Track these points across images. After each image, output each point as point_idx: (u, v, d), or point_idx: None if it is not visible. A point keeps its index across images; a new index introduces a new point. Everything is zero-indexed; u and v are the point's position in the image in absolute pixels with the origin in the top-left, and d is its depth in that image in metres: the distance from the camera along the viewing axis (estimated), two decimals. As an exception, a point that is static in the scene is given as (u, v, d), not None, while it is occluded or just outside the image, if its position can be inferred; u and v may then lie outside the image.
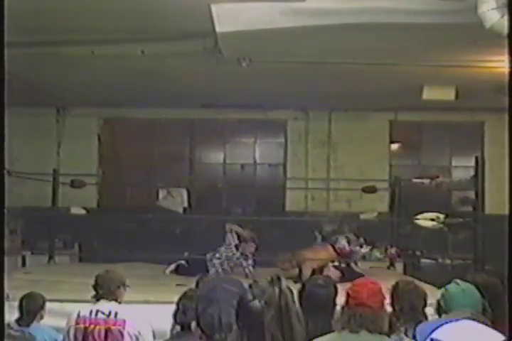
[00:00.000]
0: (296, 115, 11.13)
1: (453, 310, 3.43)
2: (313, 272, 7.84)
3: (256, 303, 2.31)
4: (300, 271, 7.99)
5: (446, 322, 2.58)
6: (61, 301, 5.79)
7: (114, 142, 11.44)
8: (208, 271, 7.99)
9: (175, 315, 3.89)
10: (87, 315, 4.50)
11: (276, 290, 2.33)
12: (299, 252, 8.25)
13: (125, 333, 4.43)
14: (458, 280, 3.71)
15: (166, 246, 9.75)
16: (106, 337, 4.43)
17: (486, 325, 3.03)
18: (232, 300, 2.51)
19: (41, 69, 8.02)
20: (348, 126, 11.01)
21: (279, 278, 2.41)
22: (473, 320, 2.92)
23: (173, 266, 8.44)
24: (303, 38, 6.26)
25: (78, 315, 4.53)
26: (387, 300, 4.05)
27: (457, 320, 2.82)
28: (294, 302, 2.44)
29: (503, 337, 2.36)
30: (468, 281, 3.80)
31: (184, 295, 4.01)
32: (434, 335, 2.27)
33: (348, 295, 3.33)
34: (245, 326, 2.31)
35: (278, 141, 11.45)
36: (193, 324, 2.55)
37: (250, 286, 2.51)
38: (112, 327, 4.44)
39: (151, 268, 8.41)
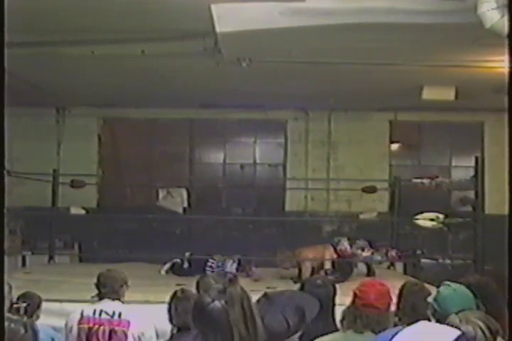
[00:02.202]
0: (296, 115, 11.13)
1: (448, 311, 3.43)
2: (313, 272, 7.84)
3: (216, 304, 2.28)
4: (300, 270, 7.99)
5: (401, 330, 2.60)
6: (61, 301, 5.79)
7: (114, 142, 11.43)
8: (205, 270, 7.98)
9: (170, 318, 3.88)
10: (91, 314, 4.48)
11: (238, 288, 2.33)
12: (299, 250, 8.23)
13: (129, 334, 4.42)
14: (448, 282, 3.73)
15: (166, 246, 9.75)
16: (110, 337, 4.42)
17: (496, 332, 3.03)
18: (288, 308, 2.51)
19: (41, 69, 8.02)
20: (348, 126, 11.01)
21: (236, 277, 2.43)
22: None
23: (168, 265, 8.43)
24: (303, 38, 6.26)
25: (81, 315, 4.50)
26: (394, 300, 4.07)
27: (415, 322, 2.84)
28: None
29: (457, 333, 2.38)
30: (461, 283, 3.82)
31: (174, 297, 4.00)
32: None
33: (355, 295, 3.33)
34: (207, 328, 2.29)
35: (278, 141, 11.45)
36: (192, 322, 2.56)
37: (205, 290, 2.51)
38: (116, 328, 4.42)
39: (151, 268, 8.41)
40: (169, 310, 3.91)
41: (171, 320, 3.88)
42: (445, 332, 2.35)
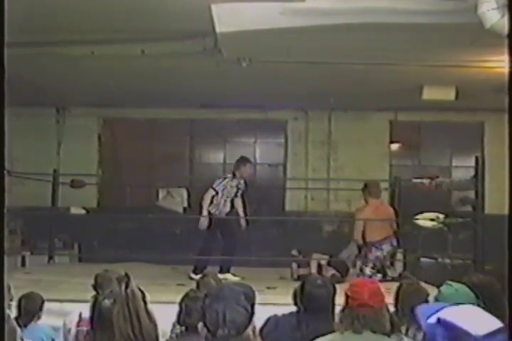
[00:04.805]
0: (296, 115, 11.13)
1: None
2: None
3: (106, 302, 2.40)
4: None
5: (447, 306, 2.60)
6: (61, 301, 5.79)
7: (114, 142, 11.44)
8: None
9: (178, 317, 3.87)
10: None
11: (123, 287, 2.39)
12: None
13: None
14: (449, 282, 3.73)
15: (166, 246, 9.75)
16: None
17: None
18: (239, 298, 2.55)
19: (41, 69, 8.03)
20: (348, 126, 11.01)
21: (127, 276, 2.46)
22: None
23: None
24: (303, 38, 6.26)
25: (80, 317, 4.48)
26: (391, 300, 4.06)
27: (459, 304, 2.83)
28: (144, 301, 2.50)
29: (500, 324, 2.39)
30: (464, 282, 3.82)
31: (186, 296, 4.00)
32: (440, 315, 2.27)
33: (347, 296, 3.31)
34: (98, 324, 2.41)
35: (278, 141, 11.45)
36: (200, 324, 2.57)
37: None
38: None
39: (151, 268, 8.40)
40: (180, 310, 3.90)
41: (178, 319, 3.87)
42: (491, 320, 2.35)
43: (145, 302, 2.48)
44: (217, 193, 8.04)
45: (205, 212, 8.05)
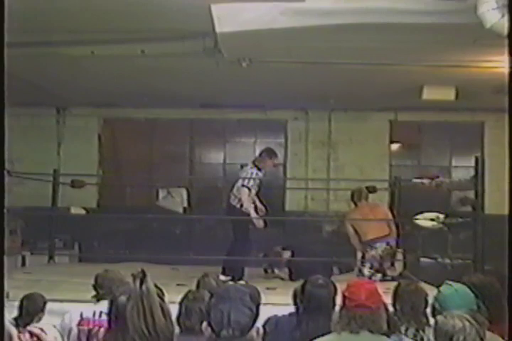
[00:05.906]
0: (296, 115, 11.13)
1: (448, 310, 3.43)
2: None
3: (122, 298, 2.40)
4: None
5: None
6: (61, 301, 5.78)
7: (114, 142, 11.44)
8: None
9: (177, 318, 3.87)
10: (91, 316, 4.44)
11: (137, 283, 2.41)
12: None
13: None
14: (449, 282, 3.73)
15: (166, 246, 9.74)
16: None
17: (482, 324, 3.05)
18: (245, 299, 2.55)
19: (41, 69, 8.03)
20: (348, 126, 11.01)
21: (143, 273, 2.48)
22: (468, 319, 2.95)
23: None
24: (303, 38, 6.26)
25: (81, 317, 4.47)
26: (389, 301, 4.06)
27: None
28: (162, 299, 2.52)
29: None
30: (464, 282, 3.82)
31: (185, 298, 3.99)
32: None
33: (344, 296, 3.31)
34: (113, 321, 2.43)
35: (278, 141, 11.44)
36: (204, 324, 2.58)
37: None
38: None
39: (151, 268, 8.36)
40: (179, 311, 3.88)
41: (178, 321, 3.87)
42: None
43: (162, 300, 2.49)
44: (250, 190, 7.85)
45: (253, 212, 7.82)
